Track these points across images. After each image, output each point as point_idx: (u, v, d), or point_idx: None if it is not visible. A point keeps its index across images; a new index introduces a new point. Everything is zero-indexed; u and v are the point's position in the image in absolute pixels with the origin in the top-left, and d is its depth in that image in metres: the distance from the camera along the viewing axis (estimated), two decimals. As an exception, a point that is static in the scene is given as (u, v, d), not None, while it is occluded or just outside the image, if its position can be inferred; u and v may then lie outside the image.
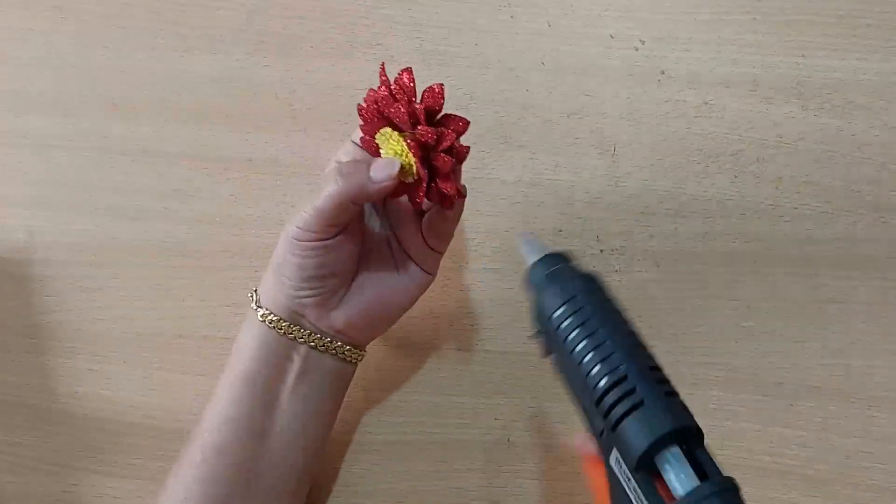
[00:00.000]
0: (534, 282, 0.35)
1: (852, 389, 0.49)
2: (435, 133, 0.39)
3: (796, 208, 0.50)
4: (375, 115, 0.41)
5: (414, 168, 0.39)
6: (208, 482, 0.42)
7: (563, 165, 0.51)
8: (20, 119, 0.54)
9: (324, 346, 0.44)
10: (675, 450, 0.29)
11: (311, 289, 0.42)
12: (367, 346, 0.46)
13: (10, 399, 0.53)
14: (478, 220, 0.51)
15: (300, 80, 0.53)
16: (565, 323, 0.32)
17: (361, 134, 0.42)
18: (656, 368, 0.32)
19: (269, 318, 0.42)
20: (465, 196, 0.42)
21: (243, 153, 0.53)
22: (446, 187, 0.40)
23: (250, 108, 0.53)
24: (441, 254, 0.46)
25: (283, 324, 0.42)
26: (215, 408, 0.43)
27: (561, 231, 0.51)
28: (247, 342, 0.43)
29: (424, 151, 0.40)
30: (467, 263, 0.51)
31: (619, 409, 0.30)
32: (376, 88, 0.41)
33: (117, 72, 0.54)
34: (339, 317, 0.43)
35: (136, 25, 0.54)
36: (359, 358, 0.46)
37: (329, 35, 0.53)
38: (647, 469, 0.30)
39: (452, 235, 0.45)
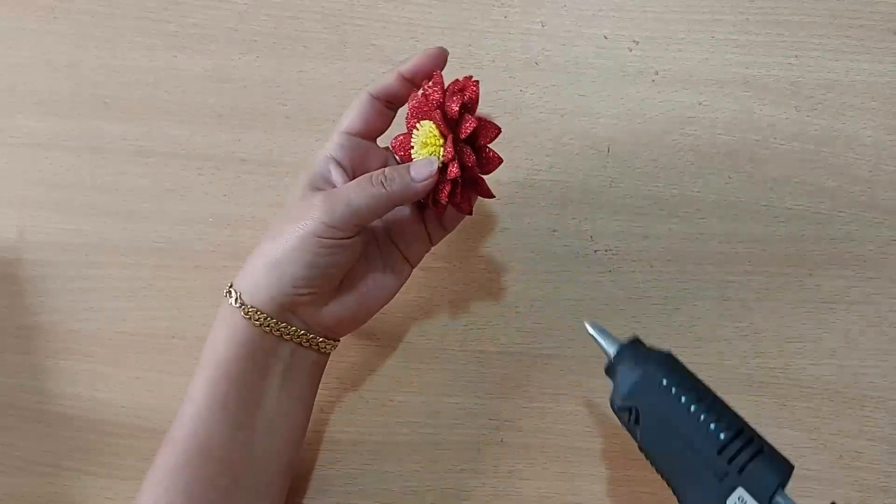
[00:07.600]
0: (624, 364, 0.39)
1: (845, 389, 0.49)
2: (459, 102, 0.40)
3: (790, 209, 0.50)
4: (422, 105, 0.41)
5: (441, 151, 0.40)
6: (194, 484, 0.41)
7: (557, 166, 0.51)
8: (11, 119, 0.54)
9: (308, 341, 0.43)
10: (781, 491, 0.36)
11: (311, 287, 0.41)
12: (361, 349, 0.46)
13: (2, 399, 0.53)
14: (473, 221, 0.51)
15: (293, 79, 0.53)
16: (673, 391, 0.38)
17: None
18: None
19: (257, 315, 0.41)
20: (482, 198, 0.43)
21: (236, 153, 0.53)
22: (475, 162, 0.41)
23: (243, 107, 0.53)
24: (432, 246, 0.46)
25: (271, 321, 0.41)
26: (195, 409, 0.41)
27: (555, 231, 0.51)
28: (228, 341, 0.41)
29: (453, 131, 0.40)
30: (461, 263, 0.51)
31: (745, 455, 0.36)
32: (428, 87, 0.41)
33: (109, 71, 0.54)
34: (329, 313, 0.43)
35: (129, 25, 0.54)
36: (334, 348, 0.45)
37: (322, 35, 0.53)
38: None
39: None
